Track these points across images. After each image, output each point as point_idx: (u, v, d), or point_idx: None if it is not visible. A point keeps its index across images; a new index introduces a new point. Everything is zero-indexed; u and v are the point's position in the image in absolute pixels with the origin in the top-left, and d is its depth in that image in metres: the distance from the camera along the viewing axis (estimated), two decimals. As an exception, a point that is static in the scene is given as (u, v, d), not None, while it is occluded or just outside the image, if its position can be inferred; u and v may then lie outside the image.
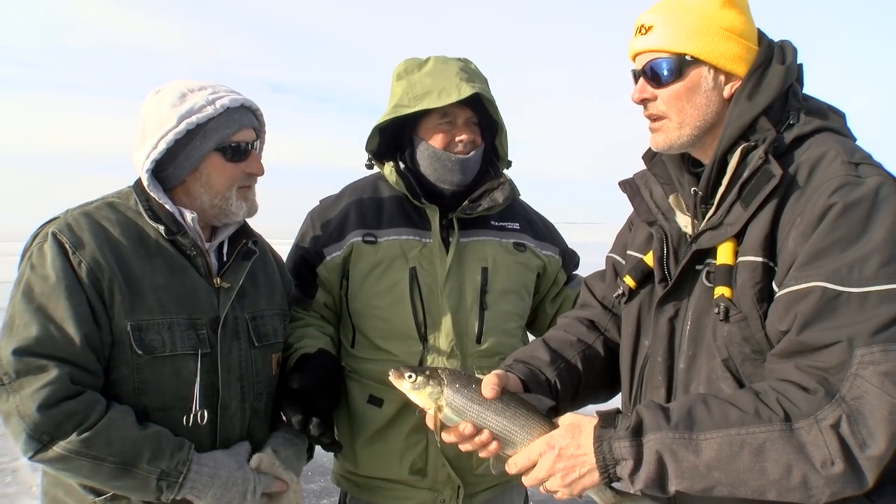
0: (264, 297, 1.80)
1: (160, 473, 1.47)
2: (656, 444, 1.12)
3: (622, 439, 1.14)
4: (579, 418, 1.22)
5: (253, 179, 1.73)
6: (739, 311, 1.20)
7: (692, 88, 1.29)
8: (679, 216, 1.40)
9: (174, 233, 1.62)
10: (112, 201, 1.66)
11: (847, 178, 1.14)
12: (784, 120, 1.27)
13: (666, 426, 1.12)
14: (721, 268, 1.23)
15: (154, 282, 1.57)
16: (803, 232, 1.14)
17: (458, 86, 1.89)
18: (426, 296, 1.93)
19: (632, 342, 1.44)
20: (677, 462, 1.10)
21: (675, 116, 1.31)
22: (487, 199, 2.02)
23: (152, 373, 1.55)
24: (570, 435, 1.20)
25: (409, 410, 1.90)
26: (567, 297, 2.17)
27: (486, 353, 1.94)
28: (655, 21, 1.31)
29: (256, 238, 1.81)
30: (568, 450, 1.19)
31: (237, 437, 1.68)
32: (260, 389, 1.74)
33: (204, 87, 1.66)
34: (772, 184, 1.19)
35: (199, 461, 1.53)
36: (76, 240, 1.52)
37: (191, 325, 1.60)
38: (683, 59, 1.28)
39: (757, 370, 1.21)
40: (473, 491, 1.98)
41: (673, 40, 1.29)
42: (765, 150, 1.21)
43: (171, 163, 1.63)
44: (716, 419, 1.10)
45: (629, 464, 1.13)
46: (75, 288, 1.48)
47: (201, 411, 1.58)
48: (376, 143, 2.06)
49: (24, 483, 4.36)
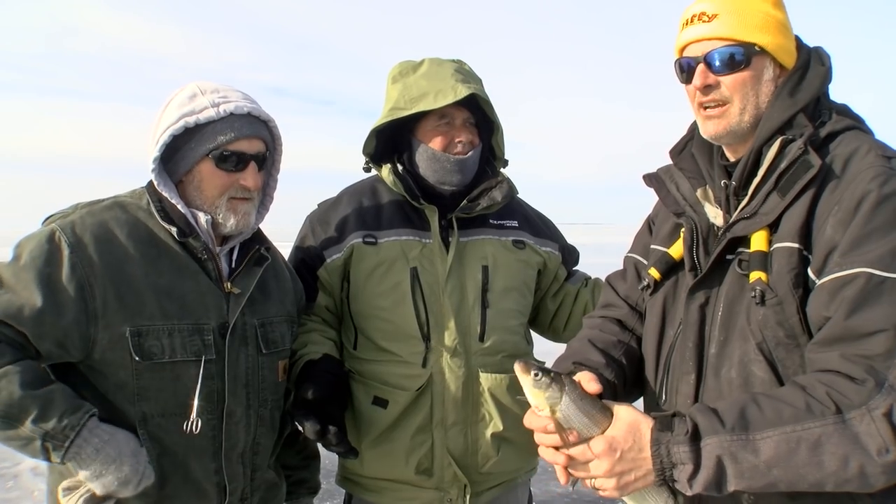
0: (274, 304, 1.78)
1: (44, 434, 1.41)
2: (715, 447, 1.13)
3: (681, 444, 1.15)
4: (637, 417, 1.22)
5: (248, 192, 1.65)
6: (776, 296, 1.23)
7: (757, 77, 1.34)
8: (708, 208, 1.43)
9: (186, 235, 1.60)
10: (123, 200, 1.64)
11: (882, 168, 1.19)
12: (817, 118, 1.33)
13: (722, 429, 1.13)
14: (756, 254, 1.26)
15: (158, 287, 1.55)
16: (842, 220, 1.17)
17: (454, 87, 1.90)
18: (428, 295, 1.93)
19: (657, 332, 1.46)
20: (737, 464, 1.12)
21: (738, 102, 1.35)
22: (486, 198, 2.03)
23: (151, 379, 1.53)
24: (630, 437, 1.20)
25: (414, 410, 1.91)
26: (568, 292, 2.19)
27: (488, 351, 1.95)
28: (719, 10, 1.35)
29: (269, 245, 1.79)
30: (629, 453, 1.19)
31: (243, 444, 1.66)
32: (266, 396, 1.72)
33: (216, 90, 1.62)
34: (810, 174, 1.23)
35: (93, 431, 1.45)
36: (76, 240, 1.50)
37: (196, 331, 1.58)
38: (752, 48, 1.33)
39: (790, 354, 1.23)
40: (479, 489, 1.99)
41: (742, 29, 1.33)
42: (804, 141, 1.26)
43: (171, 161, 1.62)
44: (769, 418, 1.12)
45: (688, 468, 1.14)
46: (39, 280, 1.45)
47: (197, 420, 1.55)
48: (373, 147, 2.06)
49: (26, 488, 4.36)
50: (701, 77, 1.35)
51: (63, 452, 1.42)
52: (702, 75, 1.35)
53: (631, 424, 1.21)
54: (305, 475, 2.03)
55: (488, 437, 1.94)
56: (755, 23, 1.33)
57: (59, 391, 1.46)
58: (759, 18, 1.34)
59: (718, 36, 1.34)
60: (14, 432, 1.42)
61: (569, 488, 1.34)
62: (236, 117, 1.60)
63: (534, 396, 1.28)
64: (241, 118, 1.61)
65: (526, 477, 2.15)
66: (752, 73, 1.33)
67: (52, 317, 1.46)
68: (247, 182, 1.63)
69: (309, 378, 1.80)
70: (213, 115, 1.58)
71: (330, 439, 1.70)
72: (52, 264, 1.48)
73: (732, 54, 1.33)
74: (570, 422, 1.24)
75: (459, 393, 1.91)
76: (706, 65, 1.35)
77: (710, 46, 1.34)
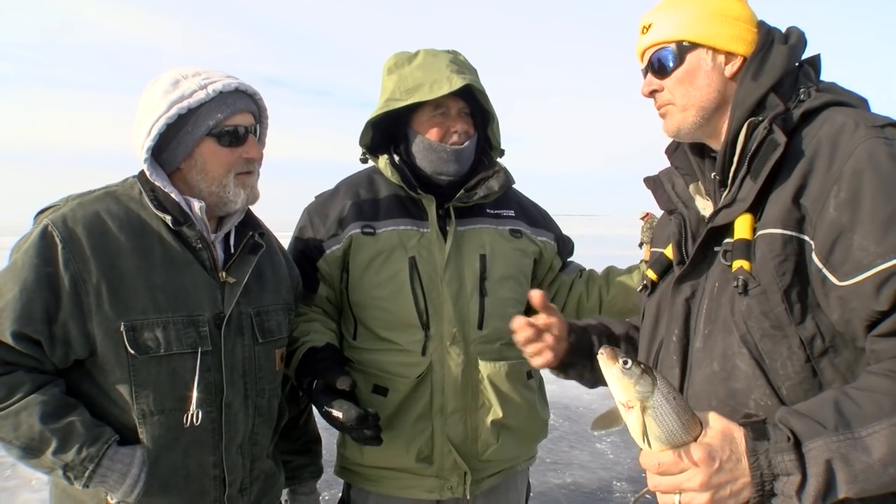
0: (270, 292, 1.77)
1: (64, 466, 1.47)
2: (822, 451, 1.01)
3: (784, 452, 1.02)
4: (729, 424, 1.08)
5: (252, 165, 1.67)
6: (759, 284, 1.18)
7: (692, 71, 1.34)
8: (699, 201, 1.42)
9: (181, 223, 1.59)
10: (115, 191, 1.63)
11: (878, 140, 1.12)
12: (795, 97, 1.29)
13: (824, 430, 1.02)
14: (739, 242, 1.22)
15: (151, 279, 1.54)
16: (847, 199, 1.11)
17: (450, 77, 1.91)
18: (426, 284, 1.94)
19: (649, 331, 1.46)
20: (849, 466, 1.00)
21: (679, 101, 1.36)
22: (483, 188, 2.04)
23: (148, 373, 1.52)
24: (728, 446, 1.06)
25: (414, 398, 1.92)
26: (562, 283, 2.20)
27: (487, 339, 1.97)
28: (654, 18, 1.38)
29: (263, 230, 1.78)
30: (728, 463, 1.05)
31: (242, 435, 1.66)
32: (263, 386, 1.71)
33: (198, 73, 1.62)
34: (777, 153, 1.19)
35: (114, 457, 1.50)
36: (68, 234, 1.49)
37: (190, 323, 1.57)
38: (681, 45, 1.33)
39: (776, 346, 1.18)
40: (480, 477, 2.00)
41: (670, 29, 1.35)
42: (769, 120, 1.22)
43: (165, 149, 1.60)
44: (869, 411, 1.02)
45: (796, 479, 1.01)
46: (40, 280, 1.46)
47: (197, 411, 1.55)
48: (370, 138, 2.07)
49: (24, 477, 4.37)
50: (646, 85, 1.40)
51: (84, 481, 1.48)
52: (647, 83, 1.40)
53: (724, 432, 1.07)
54: (306, 460, 2.03)
55: (488, 424, 1.96)
56: (684, 20, 1.34)
57: (79, 421, 1.49)
58: (689, 15, 1.34)
59: (653, 43, 1.37)
60: (37, 461, 1.48)
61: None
62: (226, 94, 1.60)
63: (621, 388, 1.10)
64: (230, 94, 1.61)
65: (525, 465, 2.16)
66: (686, 68, 1.34)
67: (56, 316, 1.47)
68: (250, 154, 1.65)
69: (328, 366, 1.81)
70: (204, 96, 1.57)
71: (371, 424, 1.72)
72: (49, 263, 1.47)
73: (665, 55, 1.35)
74: (663, 422, 1.08)
75: (459, 381, 1.92)
76: (649, 72, 1.39)
77: (648, 54, 1.39)
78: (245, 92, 1.65)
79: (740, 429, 1.07)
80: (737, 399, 1.22)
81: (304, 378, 1.85)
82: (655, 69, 1.37)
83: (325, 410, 1.75)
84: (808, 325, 1.17)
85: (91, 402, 1.54)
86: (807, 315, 1.17)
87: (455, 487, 1.96)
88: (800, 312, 1.17)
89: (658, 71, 1.37)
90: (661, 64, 1.36)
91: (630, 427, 1.12)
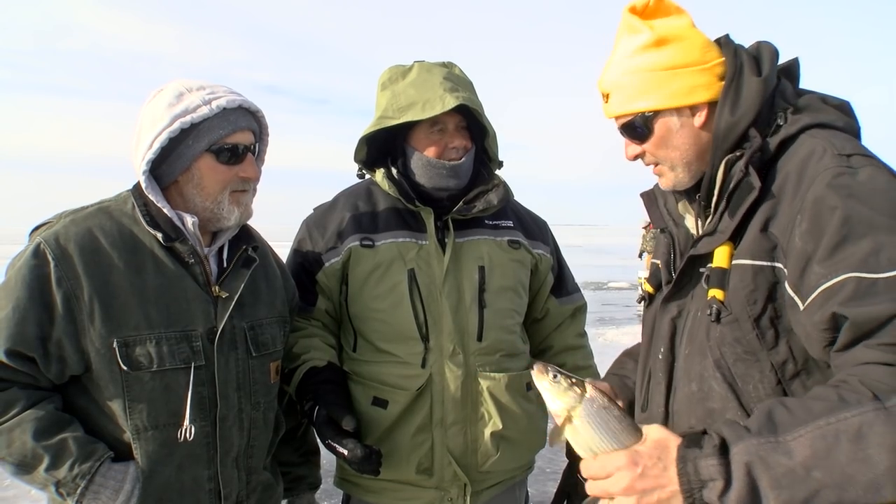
0: (264, 305, 1.77)
1: (56, 483, 1.47)
2: (742, 454, 1.01)
3: (709, 457, 1.03)
4: (667, 435, 1.10)
5: (247, 184, 1.67)
6: (730, 313, 1.23)
7: (665, 136, 1.35)
8: (689, 219, 1.45)
9: (172, 239, 1.59)
10: (107, 206, 1.63)
11: (840, 169, 1.14)
12: (772, 123, 1.29)
13: (748, 434, 1.03)
14: (716, 271, 1.26)
15: (143, 295, 1.55)
16: (808, 230, 1.13)
17: (442, 97, 1.89)
18: (426, 296, 1.94)
19: (647, 344, 1.47)
20: (769, 469, 0.99)
21: (665, 162, 1.38)
22: (482, 201, 2.04)
23: (141, 389, 1.52)
24: (656, 453, 1.08)
25: (413, 410, 1.93)
26: (552, 307, 2.20)
27: (486, 351, 1.97)
28: (609, 89, 1.39)
29: (257, 243, 1.78)
30: (653, 470, 1.06)
31: (237, 448, 1.66)
32: (258, 399, 1.71)
33: (203, 88, 1.62)
34: (752, 195, 1.22)
35: (107, 474, 1.50)
36: (60, 252, 1.50)
37: (183, 338, 1.57)
38: (644, 116, 1.34)
39: (749, 370, 1.22)
40: (480, 488, 2.00)
41: (628, 103, 1.35)
42: (745, 163, 1.24)
43: (164, 162, 1.60)
44: (799, 416, 1.02)
45: (718, 484, 1.01)
46: (33, 298, 1.47)
47: (191, 426, 1.56)
48: (365, 153, 2.07)
49: (23, 487, 4.36)
50: (628, 151, 1.42)
51: (77, 497, 1.48)
52: (628, 150, 1.42)
53: (658, 441, 1.09)
54: (304, 471, 2.03)
55: (488, 435, 1.96)
56: (637, 90, 1.33)
57: (72, 438, 1.49)
58: (639, 82, 1.32)
59: (616, 115, 1.39)
60: (30, 477, 1.49)
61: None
62: (229, 111, 1.61)
63: (551, 400, 1.18)
64: (233, 111, 1.62)
65: (524, 476, 2.16)
66: (658, 135, 1.35)
67: (50, 333, 1.48)
68: (247, 173, 1.65)
69: (331, 397, 1.82)
70: (207, 112, 1.57)
71: (374, 461, 1.73)
72: (42, 280, 1.48)
73: (634, 128, 1.37)
74: (589, 430, 1.14)
75: (458, 392, 1.93)
76: (627, 138, 1.41)
77: (619, 123, 1.40)
78: (248, 109, 1.66)
79: (678, 439, 1.09)
80: (713, 418, 1.25)
81: (306, 401, 1.86)
82: (631, 136, 1.39)
83: (330, 444, 1.76)
84: (780, 350, 1.21)
85: (87, 417, 1.55)
86: (780, 340, 1.20)
87: (455, 499, 1.96)
88: (772, 338, 1.21)
89: (634, 138, 1.39)
90: (633, 134, 1.38)
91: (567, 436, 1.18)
